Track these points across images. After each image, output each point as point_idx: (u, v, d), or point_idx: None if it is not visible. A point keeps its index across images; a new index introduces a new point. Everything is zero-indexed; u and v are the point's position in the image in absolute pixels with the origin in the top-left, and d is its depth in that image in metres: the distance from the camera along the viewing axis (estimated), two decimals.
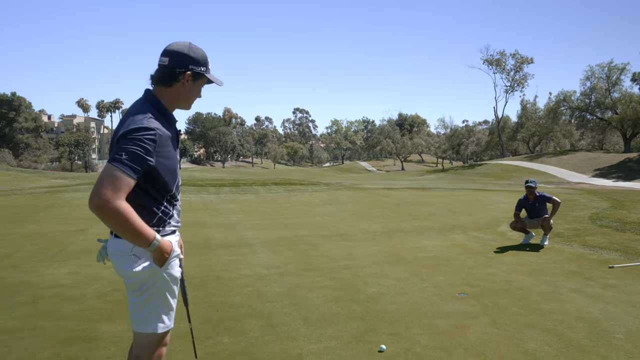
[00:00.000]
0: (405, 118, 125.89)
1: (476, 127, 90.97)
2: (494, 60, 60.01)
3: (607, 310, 4.49)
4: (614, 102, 52.26)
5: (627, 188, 26.51)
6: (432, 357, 3.47)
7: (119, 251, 2.11)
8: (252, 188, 20.05)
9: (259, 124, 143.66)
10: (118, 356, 3.45)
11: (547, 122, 60.46)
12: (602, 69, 52.86)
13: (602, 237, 8.26)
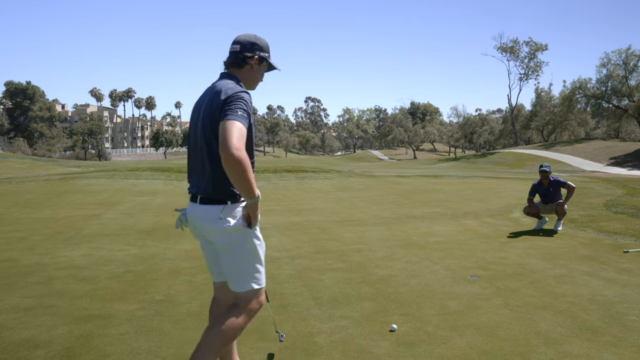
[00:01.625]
0: (417, 106, 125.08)
1: (489, 115, 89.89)
2: (507, 47, 59.19)
3: (621, 293, 4.44)
4: (630, 90, 51.27)
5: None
6: (443, 336, 3.46)
7: (208, 216, 2.33)
8: (263, 175, 20.08)
9: (271, 112, 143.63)
10: (131, 333, 3.49)
11: (562, 111, 59.57)
12: (619, 55, 51.78)
13: (617, 223, 8.15)
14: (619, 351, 3.21)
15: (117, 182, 16.84)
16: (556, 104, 62.97)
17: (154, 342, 3.34)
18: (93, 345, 3.29)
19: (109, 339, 3.39)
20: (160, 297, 4.34)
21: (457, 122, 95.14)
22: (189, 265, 5.48)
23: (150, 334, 3.48)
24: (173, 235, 7.38)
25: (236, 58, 2.49)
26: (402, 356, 3.13)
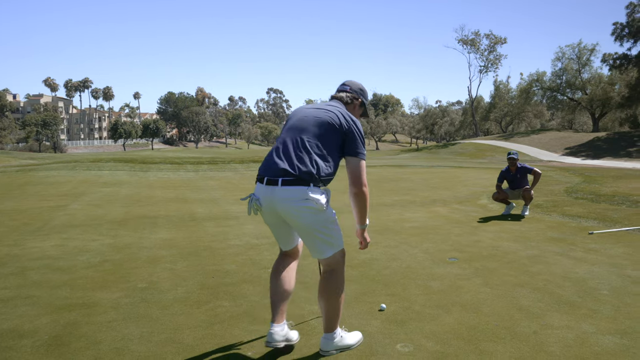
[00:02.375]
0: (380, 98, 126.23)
1: (450, 107, 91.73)
2: (468, 40, 60.33)
3: (591, 271, 4.67)
4: (583, 83, 53.40)
5: (596, 166, 27.30)
6: (431, 314, 3.56)
7: (294, 197, 2.65)
8: (230, 165, 19.92)
9: (233, 104, 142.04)
10: (119, 320, 3.43)
11: (519, 102, 61.45)
12: (572, 49, 53.81)
13: (579, 207, 8.53)
14: (595, 322, 3.39)
15: (79, 173, 16.34)
16: (514, 96, 64.85)
17: (145, 328, 3.30)
18: (81, 333, 3.22)
19: (97, 326, 3.33)
20: (143, 284, 4.28)
21: (419, 113, 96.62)
22: (168, 254, 5.41)
23: (140, 320, 3.44)
24: (146, 225, 7.25)
25: (345, 96, 3.04)
26: (395, 333, 3.21)
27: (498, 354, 2.91)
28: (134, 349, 2.97)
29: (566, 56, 54.11)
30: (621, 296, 3.95)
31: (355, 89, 3.08)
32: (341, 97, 3.04)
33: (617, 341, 3.09)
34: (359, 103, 3.08)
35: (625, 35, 44.67)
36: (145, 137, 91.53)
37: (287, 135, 2.84)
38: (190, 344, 3.05)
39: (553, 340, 3.10)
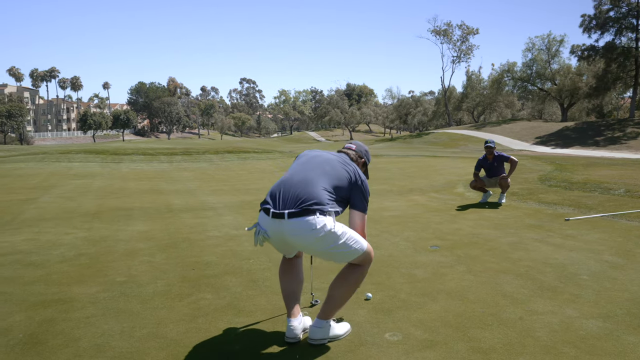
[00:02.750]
0: (353, 88, 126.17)
1: (423, 97, 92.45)
2: (441, 30, 60.78)
3: (570, 257, 4.74)
4: (553, 73, 54.48)
5: (566, 154, 27.96)
6: (417, 302, 3.55)
7: (302, 229, 2.65)
8: (204, 156, 19.63)
9: (205, 94, 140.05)
10: (98, 315, 3.31)
11: (491, 93, 62.38)
12: (542, 40, 54.78)
13: (554, 195, 8.68)
14: (578, 307, 3.43)
15: (48, 165, 15.86)
16: (486, 86, 65.75)
17: (126, 323, 3.19)
18: (58, 330, 3.09)
19: (75, 322, 3.20)
20: (121, 278, 4.14)
21: (392, 103, 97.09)
22: (146, 246, 5.27)
23: (120, 315, 3.32)
24: (121, 217, 7.06)
25: (352, 154, 3.17)
26: (382, 322, 3.18)
27: (487, 340, 2.91)
28: (116, 345, 2.87)
29: (536, 47, 55.10)
30: (601, 281, 4.01)
31: (360, 150, 3.24)
32: (348, 153, 3.15)
33: (601, 325, 3.13)
34: (362, 162, 3.21)
35: (593, 27, 45.67)
36: (116, 128, 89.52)
37: (296, 169, 2.94)
38: (174, 338, 2.96)
39: (539, 325, 3.12)
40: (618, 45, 44.77)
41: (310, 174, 2.84)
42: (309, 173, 2.84)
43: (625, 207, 7.18)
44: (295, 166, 2.99)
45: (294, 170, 2.92)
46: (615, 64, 44.99)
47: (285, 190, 2.77)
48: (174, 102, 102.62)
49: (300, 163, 3.00)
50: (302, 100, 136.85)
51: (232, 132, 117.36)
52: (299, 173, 2.87)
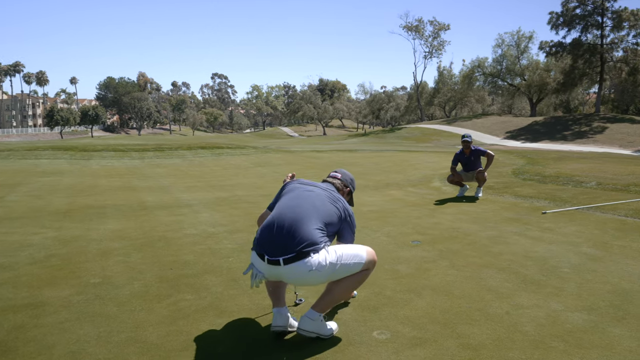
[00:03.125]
0: (326, 83, 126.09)
1: (395, 92, 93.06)
2: (413, 26, 61.14)
3: (550, 250, 4.78)
4: (522, 69, 55.51)
5: (536, 148, 28.53)
6: (403, 299, 3.50)
7: (300, 272, 2.67)
8: (177, 152, 19.27)
9: (176, 89, 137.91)
10: (72, 320, 3.15)
11: (462, 88, 63.20)
12: (511, 37, 55.73)
13: (529, 188, 8.79)
14: (562, 300, 3.44)
15: (14, 162, 15.30)
16: (457, 81, 66.56)
17: (102, 327, 3.04)
18: (30, 337, 2.92)
19: (47, 328, 3.03)
20: (96, 280, 3.97)
21: (365, 99, 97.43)
22: (120, 246, 5.09)
23: (95, 319, 3.17)
24: (93, 215, 6.83)
25: (338, 183, 3.22)
26: (369, 320, 3.12)
27: (475, 336, 2.87)
28: (92, 351, 2.73)
29: (506, 43, 56.04)
30: (581, 273, 4.04)
31: (346, 179, 3.31)
32: (334, 183, 3.20)
33: (586, 317, 3.14)
34: (347, 191, 3.28)
35: (560, 24, 46.67)
36: (84, 125, 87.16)
37: (287, 205, 2.88)
38: (155, 342, 2.83)
39: (526, 320, 3.11)
40: (584, 42, 45.89)
41: (301, 212, 2.81)
42: (300, 211, 2.81)
43: (598, 199, 7.32)
44: (286, 202, 2.94)
45: (284, 208, 2.87)
46: (581, 60, 46.12)
47: (278, 233, 2.73)
48: (144, 97, 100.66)
49: (290, 198, 2.95)
50: (275, 95, 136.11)
51: (204, 128, 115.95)
52: (289, 210, 2.82)
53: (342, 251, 2.80)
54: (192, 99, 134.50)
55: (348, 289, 2.88)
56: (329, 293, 2.83)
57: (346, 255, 2.79)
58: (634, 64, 44.37)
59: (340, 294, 2.86)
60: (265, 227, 2.81)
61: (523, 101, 64.90)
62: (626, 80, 46.99)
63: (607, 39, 45.60)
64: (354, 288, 2.91)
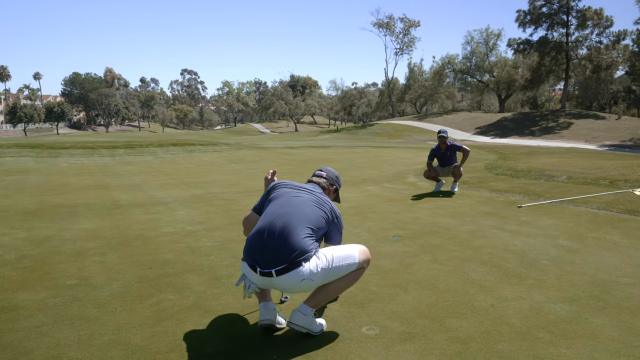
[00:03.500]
0: (297, 80, 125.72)
1: (367, 88, 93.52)
2: (384, 23, 61.53)
3: (528, 243, 4.86)
4: (491, 66, 56.56)
5: (505, 144, 29.10)
6: (389, 294, 3.50)
7: (294, 282, 2.66)
8: (148, 149, 18.89)
9: (145, 85, 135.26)
10: (50, 324, 3.02)
11: (433, 84, 64.00)
12: (480, 34, 56.72)
13: (502, 183, 8.94)
14: (544, 292, 3.50)
15: None
16: (427, 78, 67.35)
17: (83, 330, 2.93)
18: (6, 342, 2.79)
19: (23, 333, 2.91)
20: (72, 281, 3.84)
21: (336, 95, 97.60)
22: (96, 245, 4.94)
23: (75, 322, 3.05)
24: (65, 214, 6.62)
25: (323, 182, 3.26)
26: (357, 316, 3.10)
27: (463, 329, 2.89)
28: (74, 355, 2.62)
29: (475, 40, 57.03)
30: (560, 265, 4.12)
31: (331, 177, 3.33)
32: (319, 183, 3.23)
33: (568, 308, 3.20)
34: (333, 189, 3.32)
35: (528, 22, 47.70)
36: (49, 121, 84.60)
37: (275, 213, 2.84)
38: (139, 344, 2.74)
39: (511, 312, 3.15)
40: (550, 40, 47.03)
41: (291, 220, 2.78)
42: (289, 220, 2.78)
43: (570, 193, 7.49)
44: (274, 209, 2.89)
45: (273, 216, 2.83)
46: (548, 58, 47.27)
47: (269, 245, 2.71)
48: (111, 93, 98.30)
49: (279, 205, 2.91)
50: (246, 91, 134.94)
51: (174, 125, 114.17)
52: (278, 220, 2.79)
53: (333, 254, 2.78)
54: (162, 96, 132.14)
55: (343, 286, 2.86)
56: (323, 289, 2.80)
57: (337, 257, 2.77)
58: (597, 62, 45.72)
59: (335, 290, 2.84)
60: (254, 237, 2.78)
61: (492, 97, 66.19)
62: (590, 77, 48.40)
63: (572, 37, 46.85)
64: (348, 286, 2.89)
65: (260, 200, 3.09)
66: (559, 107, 52.43)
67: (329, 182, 3.28)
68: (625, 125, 37.28)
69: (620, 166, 9.99)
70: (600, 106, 64.36)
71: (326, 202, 2.99)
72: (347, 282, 2.86)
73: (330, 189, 3.27)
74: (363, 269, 2.90)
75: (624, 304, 3.26)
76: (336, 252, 2.80)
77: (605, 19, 44.81)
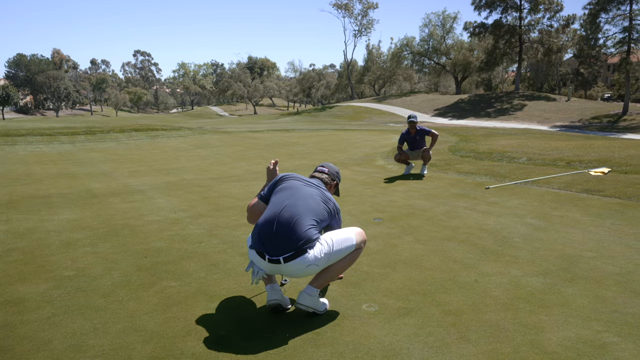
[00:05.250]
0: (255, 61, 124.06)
1: (326, 70, 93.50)
2: (342, 4, 61.47)
3: (500, 222, 5.23)
4: (447, 49, 57.64)
5: (463, 125, 29.97)
6: (381, 273, 3.75)
7: (300, 268, 2.90)
8: (110, 135, 18.47)
9: (95, 67, 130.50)
10: (60, 315, 3.10)
11: (391, 66, 64.70)
12: (437, 17, 57.59)
13: (468, 165, 9.37)
14: (520, 267, 3.84)
15: None
16: (385, 60, 67.98)
17: (96, 319, 3.04)
18: (21, 334, 2.87)
19: (37, 324, 2.99)
20: (69, 272, 3.90)
21: (295, 77, 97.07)
22: (83, 236, 4.96)
23: (85, 312, 3.15)
24: (41, 205, 6.54)
25: (326, 178, 3.42)
26: (356, 294, 3.34)
27: (453, 303, 3.18)
28: (93, 343, 2.74)
29: (432, 23, 57.85)
30: (531, 242, 4.49)
31: (333, 172, 3.51)
32: (322, 178, 3.42)
33: (542, 281, 3.54)
34: (334, 184, 3.51)
35: (483, 5, 48.71)
36: None
37: (282, 204, 3.03)
38: (155, 330, 2.89)
39: (493, 286, 3.46)
40: (504, 24, 48.28)
41: (298, 211, 2.98)
42: (297, 210, 2.98)
43: (532, 174, 7.97)
44: (283, 199, 3.08)
45: (282, 206, 3.03)
46: (502, 41, 48.56)
47: (278, 234, 2.92)
48: (60, 76, 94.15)
49: (287, 197, 3.09)
50: (203, 74, 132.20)
51: (128, 108, 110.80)
52: (287, 210, 2.99)
53: (332, 238, 3.01)
54: (114, 78, 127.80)
55: (344, 266, 3.09)
56: (326, 271, 3.02)
57: (337, 241, 3.01)
58: (548, 45, 47.35)
59: (337, 270, 3.06)
60: (264, 225, 2.97)
61: (449, 79, 67.56)
62: (541, 60, 50.09)
63: (525, 20, 48.26)
64: (349, 265, 3.12)
65: (268, 190, 3.24)
66: (512, 88, 54.16)
67: (330, 178, 3.47)
68: (574, 106, 39.02)
69: (574, 147, 10.62)
70: (551, 88, 66.88)
71: (330, 199, 3.21)
72: (348, 262, 3.09)
73: (331, 184, 3.47)
74: (360, 249, 3.14)
75: (590, 275, 3.64)
76: (335, 237, 3.03)
77: (555, 4, 46.36)
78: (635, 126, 30.14)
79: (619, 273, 3.68)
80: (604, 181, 7.20)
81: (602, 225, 5.06)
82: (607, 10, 35.83)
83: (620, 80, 44.13)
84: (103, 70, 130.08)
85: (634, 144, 12.25)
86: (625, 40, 35.25)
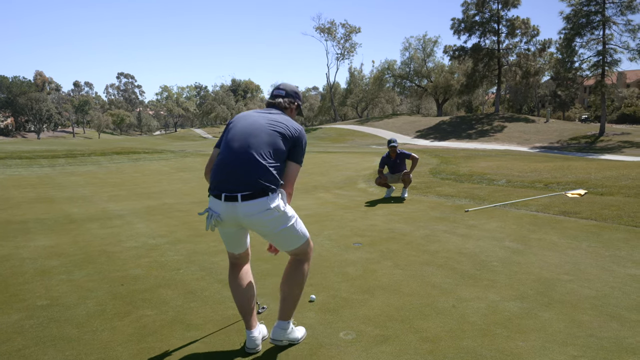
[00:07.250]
0: (239, 84, 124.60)
1: (308, 92, 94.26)
2: (325, 28, 62.43)
3: (478, 245, 5.27)
4: (429, 71, 58.69)
5: (445, 147, 30.33)
6: (359, 299, 3.74)
7: (257, 210, 2.71)
8: (91, 158, 18.29)
9: (78, 89, 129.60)
10: (31, 346, 3.03)
11: (373, 89, 65.56)
12: (418, 41, 58.75)
13: (448, 188, 9.47)
14: (498, 291, 3.87)
15: None
16: (368, 82, 68.90)
17: (68, 351, 2.97)
18: None
19: (7, 357, 2.91)
20: (43, 302, 3.82)
21: None
22: (59, 263, 4.87)
23: (57, 343, 3.08)
24: (17, 231, 6.42)
25: (283, 102, 3.11)
26: (333, 322, 3.32)
27: (431, 329, 3.18)
28: None
29: (413, 46, 58.96)
30: (509, 265, 4.54)
31: (290, 93, 3.16)
32: (279, 103, 3.10)
33: (520, 305, 3.57)
34: (295, 107, 3.18)
35: (462, 29, 49.94)
36: None
37: (236, 143, 2.82)
38: None
39: (471, 311, 3.48)
40: (483, 47, 49.45)
41: (251, 147, 2.77)
42: (250, 147, 2.77)
43: (511, 196, 8.08)
44: (232, 139, 2.86)
45: (233, 145, 2.82)
46: (481, 64, 49.69)
47: (232, 171, 2.74)
48: (42, 98, 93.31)
49: (236, 134, 2.86)
50: (186, 96, 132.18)
51: (111, 130, 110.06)
52: (239, 148, 2.78)
53: (296, 215, 2.92)
54: (97, 100, 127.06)
55: (298, 288, 2.97)
56: (286, 299, 2.95)
57: (298, 220, 2.91)
58: (526, 68, 48.52)
59: (295, 295, 2.96)
60: (216, 167, 2.82)
61: (430, 101, 68.64)
62: (520, 82, 51.25)
63: (503, 44, 49.50)
64: (303, 281, 2.99)
65: (221, 137, 3.02)
66: (492, 110, 55.18)
67: (289, 100, 3.12)
68: (552, 128, 39.82)
69: (553, 169, 10.81)
70: (530, 109, 68.28)
71: (289, 124, 2.91)
72: (301, 279, 2.96)
73: (291, 108, 3.14)
74: (306, 263, 2.98)
75: (566, 299, 3.68)
76: (297, 217, 2.95)
77: (532, 29, 47.74)
78: (612, 147, 30.84)
79: (595, 296, 3.73)
80: (580, 203, 7.33)
81: (579, 247, 5.13)
82: (581, 35, 36.93)
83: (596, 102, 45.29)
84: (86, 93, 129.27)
85: (610, 165, 12.53)
86: (600, 64, 36.30)
